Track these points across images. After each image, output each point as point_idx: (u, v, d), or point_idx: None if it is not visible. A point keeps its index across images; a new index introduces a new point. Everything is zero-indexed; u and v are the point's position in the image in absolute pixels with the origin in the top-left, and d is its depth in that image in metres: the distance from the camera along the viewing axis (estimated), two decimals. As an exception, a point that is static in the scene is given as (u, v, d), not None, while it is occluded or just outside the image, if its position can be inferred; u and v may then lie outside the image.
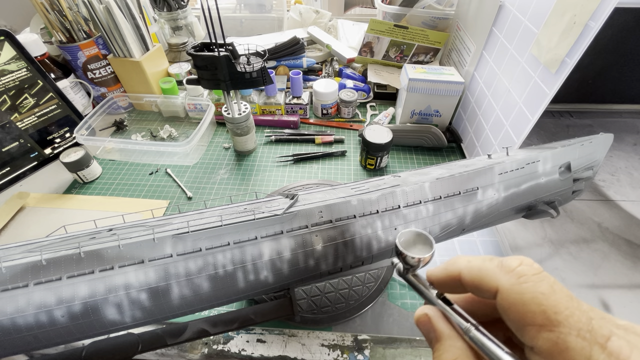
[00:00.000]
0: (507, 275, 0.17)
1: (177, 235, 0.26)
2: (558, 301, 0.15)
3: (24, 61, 0.58)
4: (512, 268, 0.17)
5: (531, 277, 0.16)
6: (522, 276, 0.16)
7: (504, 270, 0.17)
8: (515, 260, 0.17)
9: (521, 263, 0.17)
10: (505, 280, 0.16)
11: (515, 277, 0.16)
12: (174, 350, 0.40)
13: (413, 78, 0.62)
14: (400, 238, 0.23)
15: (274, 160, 0.65)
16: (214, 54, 0.48)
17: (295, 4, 0.98)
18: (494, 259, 0.18)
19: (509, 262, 0.17)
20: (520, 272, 0.16)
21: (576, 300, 0.15)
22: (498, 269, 0.17)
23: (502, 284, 0.17)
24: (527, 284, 0.16)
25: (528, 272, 0.16)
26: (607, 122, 0.75)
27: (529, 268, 0.17)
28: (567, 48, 0.37)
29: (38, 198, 0.57)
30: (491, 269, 0.18)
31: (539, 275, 0.16)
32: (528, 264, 0.17)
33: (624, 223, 0.54)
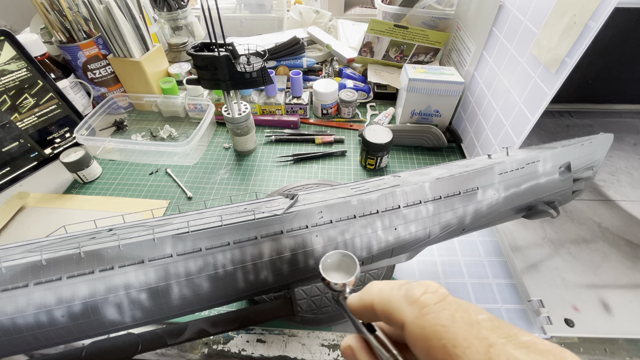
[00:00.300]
0: (411, 307, 0.16)
1: (177, 235, 0.26)
2: (457, 333, 0.14)
3: (24, 61, 0.58)
4: (416, 298, 0.16)
5: (433, 308, 0.16)
6: (425, 307, 0.16)
7: (409, 301, 0.17)
8: (419, 288, 0.17)
9: (425, 291, 0.17)
10: (409, 312, 0.16)
11: (419, 308, 0.16)
12: (174, 350, 0.40)
13: (413, 78, 0.62)
14: (324, 262, 0.23)
15: (274, 160, 0.65)
16: (214, 54, 0.48)
17: (295, 4, 0.98)
18: (402, 286, 0.18)
19: (413, 290, 0.17)
20: (423, 302, 0.16)
21: (476, 326, 0.15)
22: (403, 299, 0.17)
23: (406, 317, 0.16)
24: (429, 315, 0.15)
25: (431, 302, 0.16)
26: (607, 122, 0.75)
27: (432, 296, 0.16)
28: (567, 48, 0.37)
29: (38, 198, 0.57)
30: (397, 299, 0.17)
31: (441, 303, 0.16)
32: (432, 291, 0.17)
33: (624, 223, 0.54)
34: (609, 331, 0.41)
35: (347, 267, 0.23)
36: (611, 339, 0.40)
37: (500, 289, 0.45)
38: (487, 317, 0.16)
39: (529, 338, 0.14)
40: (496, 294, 0.44)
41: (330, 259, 0.23)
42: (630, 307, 0.43)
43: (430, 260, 0.48)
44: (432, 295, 0.16)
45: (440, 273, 0.47)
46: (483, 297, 0.44)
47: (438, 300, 0.16)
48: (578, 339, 0.40)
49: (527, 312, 0.42)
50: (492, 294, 0.44)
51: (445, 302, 0.16)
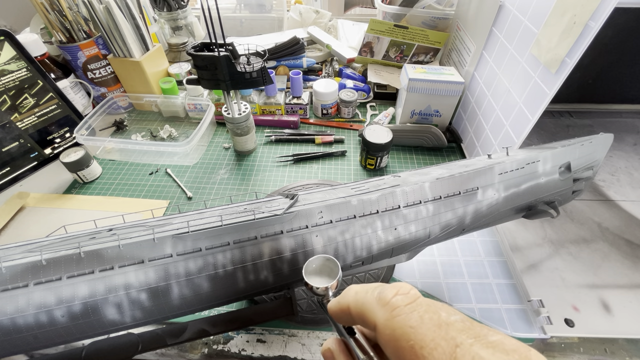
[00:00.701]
0: (383, 309, 0.17)
1: (177, 235, 0.26)
2: (425, 334, 0.15)
3: (24, 61, 0.58)
4: (387, 300, 0.17)
5: (403, 309, 0.16)
6: (395, 309, 0.16)
7: (381, 304, 0.17)
8: (391, 291, 0.17)
9: (397, 293, 0.17)
10: (381, 315, 0.16)
11: (389, 310, 0.16)
12: (174, 350, 0.40)
13: (413, 78, 0.62)
14: (307, 267, 0.23)
15: (274, 160, 0.65)
16: (214, 54, 0.48)
17: (295, 4, 0.98)
18: (376, 289, 0.18)
19: (385, 293, 0.17)
20: (394, 304, 0.16)
21: (445, 327, 0.15)
22: (376, 302, 0.17)
23: (378, 319, 0.16)
24: (399, 317, 0.16)
25: (401, 304, 0.16)
26: (607, 122, 0.75)
27: (403, 298, 0.17)
28: (567, 48, 0.37)
29: (38, 198, 0.57)
30: (370, 302, 0.17)
31: (411, 305, 0.16)
32: (403, 293, 0.17)
33: (624, 223, 0.54)
34: (609, 331, 0.41)
35: (330, 271, 0.23)
36: (611, 339, 0.40)
37: (500, 289, 0.45)
38: (460, 318, 0.16)
39: (497, 338, 0.14)
40: (496, 294, 0.44)
41: (314, 263, 0.23)
42: (630, 307, 0.43)
43: (430, 260, 0.48)
44: (403, 297, 0.17)
45: (440, 273, 0.47)
46: (483, 297, 0.44)
47: (409, 302, 0.16)
48: (578, 339, 0.40)
49: (527, 312, 0.42)
50: (492, 294, 0.44)
51: (415, 304, 0.16)
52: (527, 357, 0.14)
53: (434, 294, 0.44)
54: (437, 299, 0.44)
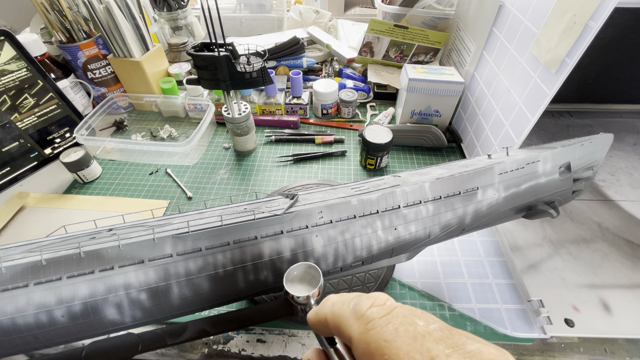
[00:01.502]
0: (358, 322, 0.16)
1: (177, 235, 0.26)
2: (399, 348, 0.14)
3: (24, 61, 0.58)
4: (362, 313, 0.16)
5: (378, 322, 0.16)
6: (370, 322, 0.16)
7: (356, 316, 0.16)
8: (367, 302, 0.17)
9: (372, 304, 0.17)
10: (356, 328, 0.16)
11: (364, 323, 0.16)
12: (174, 350, 0.40)
13: (413, 78, 0.62)
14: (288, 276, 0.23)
15: (274, 160, 0.65)
16: (214, 54, 0.48)
17: (295, 4, 0.98)
18: (352, 300, 0.17)
19: (361, 305, 0.17)
20: (368, 316, 0.16)
21: (420, 339, 0.15)
22: (351, 314, 0.17)
23: (353, 333, 0.16)
24: (374, 330, 0.15)
25: (376, 316, 0.16)
26: (607, 122, 0.75)
27: (378, 310, 0.16)
28: (567, 48, 0.37)
29: (38, 198, 0.57)
30: (346, 314, 0.17)
31: (387, 317, 0.16)
32: (379, 304, 0.16)
33: (624, 223, 0.54)
34: (609, 331, 0.41)
35: (312, 279, 0.23)
36: (611, 339, 0.40)
37: (500, 289, 0.45)
38: (438, 327, 0.15)
39: (475, 347, 0.14)
40: (496, 294, 0.44)
41: (295, 271, 0.23)
42: (630, 307, 0.43)
43: (430, 260, 0.48)
44: (378, 308, 0.16)
45: (440, 273, 0.47)
46: (483, 297, 0.44)
47: (384, 314, 0.16)
48: (578, 339, 0.40)
49: (527, 312, 0.42)
50: (492, 294, 0.44)
51: (391, 315, 0.16)
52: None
53: (434, 294, 0.44)
54: (437, 299, 0.44)
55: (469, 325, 0.41)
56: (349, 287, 0.44)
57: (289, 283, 0.23)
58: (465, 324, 0.42)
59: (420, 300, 0.44)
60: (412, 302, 0.44)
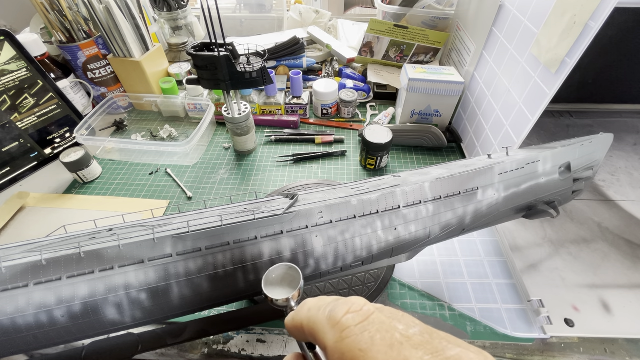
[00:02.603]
0: (333, 330, 0.16)
1: (177, 235, 0.26)
2: (375, 357, 0.14)
3: (24, 61, 0.58)
4: (337, 320, 0.16)
5: (354, 330, 0.15)
6: (345, 329, 0.15)
7: (331, 324, 0.16)
8: (343, 308, 0.16)
9: (348, 311, 0.16)
10: (331, 336, 0.15)
11: (339, 331, 0.15)
12: (174, 350, 0.40)
13: (413, 78, 0.62)
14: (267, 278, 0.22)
15: (274, 160, 0.65)
16: (214, 54, 0.48)
17: (295, 4, 0.98)
18: (329, 306, 0.17)
19: (336, 311, 0.16)
20: (344, 324, 0.15)
21: (397, 347, 0.14)
22: (327, 321, 0.16)
23: (327, 342, 0.16)
24: (349, 339, 0.15)
25: (352, 323, 0.15)
26: (607, 122, 0.75)
27: (354, 316, 0.16)
28: (567, 48, 0.37)
29: (38, 198, 0.57)
30: (321, 321, 0.16)
31: (363, 324, 0.15)
32: (355, 310, 0.16)
33: (624, 223, 0.54)
34: (609, 331, 0.41)
35: (292, 280, 0.22)
36: (611, 339, 0.40)
37: (500, 289, 0.45)
38: (419, 331, 0.15)
39: (455, 352, 0.14)
40: (496, 294, 0.44)
41: (274, 273, 0.23)
42: (630, 307, 0.43)
43: (430, 260, 0.48)
44: (354, 315, 0.16)
45: (440, 273, 0.47)
46: (483, 297, 0.44)
47: (360, 321, 0.15)
48: (578, 339, 0.40)
49: (527, 312, 0.42)
50: (492, 294, 0.44)
51: (367, 322, 0.15)
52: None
53: (434, 294, 0.44)
54: (437, 299, 0.44)
55: (469, 325, 0.41)
56: (349, 287, 0.44)
57: (268, 286, 0.22)
58: (465, 324, 0.42)
59: (420, 300, 0.44)
60: (412, 302, 0.44)
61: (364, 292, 0.43)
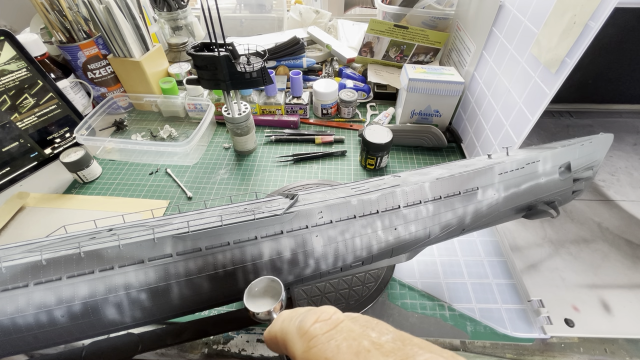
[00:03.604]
0: (301, 339, 0.16)
1: (177, 235, 0.26)
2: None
3: (24, 61, 0.58)
4: (306, 329, 0.16)
5: (320, 339, 0.15)
6: (312, 339, 0.15)
7: (299, 333, 0.16)
8: (312, 317, 0.16)
9: (317, 320, 0.16)
10: (299, 347, 0.15)
11: (307, 341, 0.15)
12: (174, 350, 0.40)
13: (413, 78, 0.62)
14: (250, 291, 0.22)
15: (274, 160, 0.65)
16: (214, 54, 0.48)
17: (295, 4, 0.98)
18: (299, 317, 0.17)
19: (305, 320, 0.16)
20: (311, 333, 0.15)
21: (364, 354, 0.14)
22: (296, 331, 0.16)
23: (296, 352, 0.16)
24: (316, 348, 0.15)
25: (319, 332, 0.15)
26: (607, 122, 0.75)
27: (322, 325, 0.16)
28: (567, 48, 0.37)
29: (38, 198, 0.57)
30: (291, 331, 0.16)
31: (330, 333, 0.15)
32: (324, 319, 0.16)
33: (624, 223, 0.54)
34: (609, 331, 0.41)
35: (275, 292, 0.22)
36: (611, 339, 0.40)
37: (500, 289, 0.45)
38: (391, 338, 0.15)
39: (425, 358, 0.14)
40: (496, 294, 0.44)
41: (256, 287, 0.22)
42: (630, 307, 0.43)
43: (430, 260, 0.48)
44: (322, 324, 0.16)
45: (440, 273, 0.47)
46: (483, 297, 0.44)
47: (327, 330, 0.15)
48: (578, 339, 0.40)
49: (527, 312, 0.42)
50: (492, 294, 0.44)
51: (335, 331, 0.15)
52: None
53: (434, 294, 0.44)
54: (437, 299, 0.44)
55: (469, 325, 0.41)
56: (349, 287, 0.43)
57: (250, 299, 0.22)
58: (465, 324, 0.42)
59: (420, 300, 0.44)
60: (412, 302, 0.44)
61: (364, 292, 0.43)
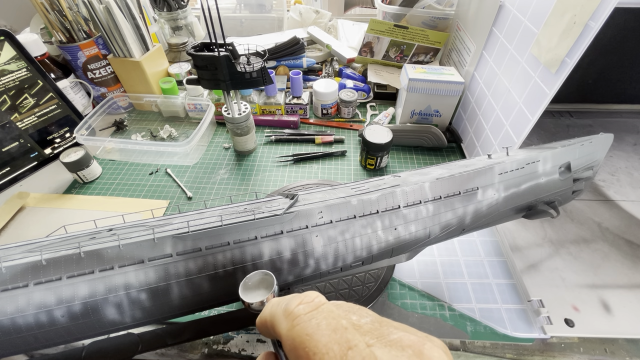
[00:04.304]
0: (286, 320, 0.17)
1: (177, 235, 0.26)
2: (319, 340, 0.15)
3: (24, 61, 0.58)
4: (290, 310, 0.17)
5: (303, 318, 0.16)
6: (296, 318, 0.16)
7: (285, 314, 0.17)
8: (296, 300, 0.17)
9: (301, 302, 0.17)
10: (284, 326, 0.16)
11: (291, 320, 0.16)
12: (174, 350, 0.40)
13: (413, 78, 0.62)
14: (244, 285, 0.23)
15: (274, 160, 0.65)
16: (214, 54, 0.48)
17: (295, 4, 0.98)
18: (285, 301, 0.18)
19: (290, 303, 0.17)
20: (295, 314, 0.16)
21: (341, 331, 0.15)
22: (282, 313, 0.17)
23: (282, 331, 0.16)
24: (298, 326, 0.16)
25: (302, 312, 0.16)
26: (607, 122, 0.75)
27: (305, 307, 0.17)
28: (567, 48, 0.37)
29: (38, 198, 0.57)
30: (278, 314, 0.17)
31: (312, 313, 0.16)
32: (307, 302, 0.17)
33: (624, 223, 0.54)
34: (609, 331, 0.41)
35: (268, 285, 0.23)
36: (611, 339, 0.40)
37: (500, 289, 0.45)
38: (370, 320, 0.16)
39: (397, 336, 0.15)
40: (496, 294, 0.44)
41: (250, 280, 0.23)
42: (630, 307, 0.43)
43: (430, 260, 0.48)
44: (305, 305, 0.17)
45: (440, 273, 0.47)
46: (483, 297, 0.44)
47: (310, 310, 0.16)
48: (578, 339, 0.40)
49: (527, 312, 0.42)
50: (492, 294, 0.44)
51: (316, 311, 0.16)
52: (419, 351, 0.14)
53: (434, 294, 0.44)
54: (437, 299, 0.44)
55: (469, 325, 0.41)
56: (349, 287, 0.44)
57: (245, 291, 0.23)
58: (465, 324, 0.42)
59: (420, 300, 0.44)
60: (412, 302, 0.44)
61: (364, 292, 0.43)
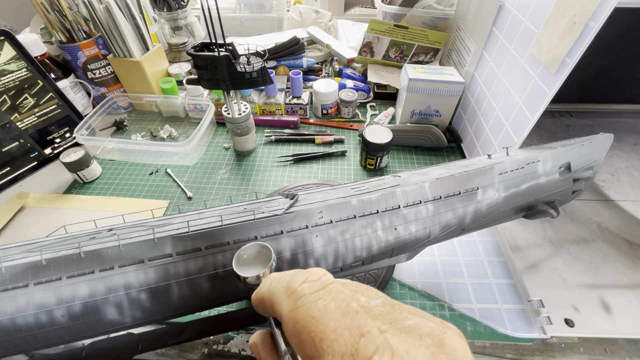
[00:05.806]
0: (288, 299, 0.15)
1: (177, 236, 0.26)
2: (327, 324, 0.13)
3: (24, 61, 0.58)
4: (294, 289, 0.15)
5: (308, 298, 0.14)
6: (300, 298, 0.15)
7: (287, 293, 0.15)
8: (300, 277, 0.16)
9: (305, 280, 0.15)
10: (286, 306, 0.15)
11: (294, 300, 0.15)
12: (174, 350, 0.40)
13: (413, 78, 0.62)
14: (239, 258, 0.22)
15: (274, 160, 0.65)
16: (214, 54, 0.48)
17: (295, 4, 0.98)
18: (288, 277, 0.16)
19: (294, 280, 0.16)
20: (299, 293, 0.15)
21: (352, 315, 0.13)
22: (283, 291, 0.16)
23: (283, 311, 0.15)
24: (303, 307, 0.14)
25: (307, 292, 0.15)
26: (607, 122, 0.75)
27: (310, 285, 0.15)
28: (567, 48, 0.37)
29: (38, 198, 0.57)
30: (279, 291, 0.16)
31: (319, 292, 0.15)
32: (313, 280, 0.15)
33: (624, 223, 0.54)
34: (609, 331, 0.41)
35: (265, 259, 0.22)
36: (611, 339, 0.40)
37: (500, 289, 0.45)
38: (380, 302, 0.15)
39: (413, 322, 0.13)
40: (496, 294, 0.44)
41: (246, 253, 0.22)
42: (630, 307, 0.43)
43: (430, 260, 0.48)
44: (310, 284, 0.15)
45: (440, 273, 0.47)
46: (483, 297, 0.44)
47: (316, 290, 0.15)
48: (578, 339, 0.40)
49: (527, 312, 0.42)
50: (492, 294, 0.44)
51: (324, 291, 0.15)
52: (439, 341, 0.13)
53: (434, 294, 0.44)
54: (437, 299, 0.44)
55: (469, 325, 0.41)
56: (349, 287, 0.43)
57: (239, 266, 0.21)
58: (465, 324, 0.42)
59: (420, 300, 0.44)
60: (412, 302, 0.44)
61: (364, 292, 0.43)
